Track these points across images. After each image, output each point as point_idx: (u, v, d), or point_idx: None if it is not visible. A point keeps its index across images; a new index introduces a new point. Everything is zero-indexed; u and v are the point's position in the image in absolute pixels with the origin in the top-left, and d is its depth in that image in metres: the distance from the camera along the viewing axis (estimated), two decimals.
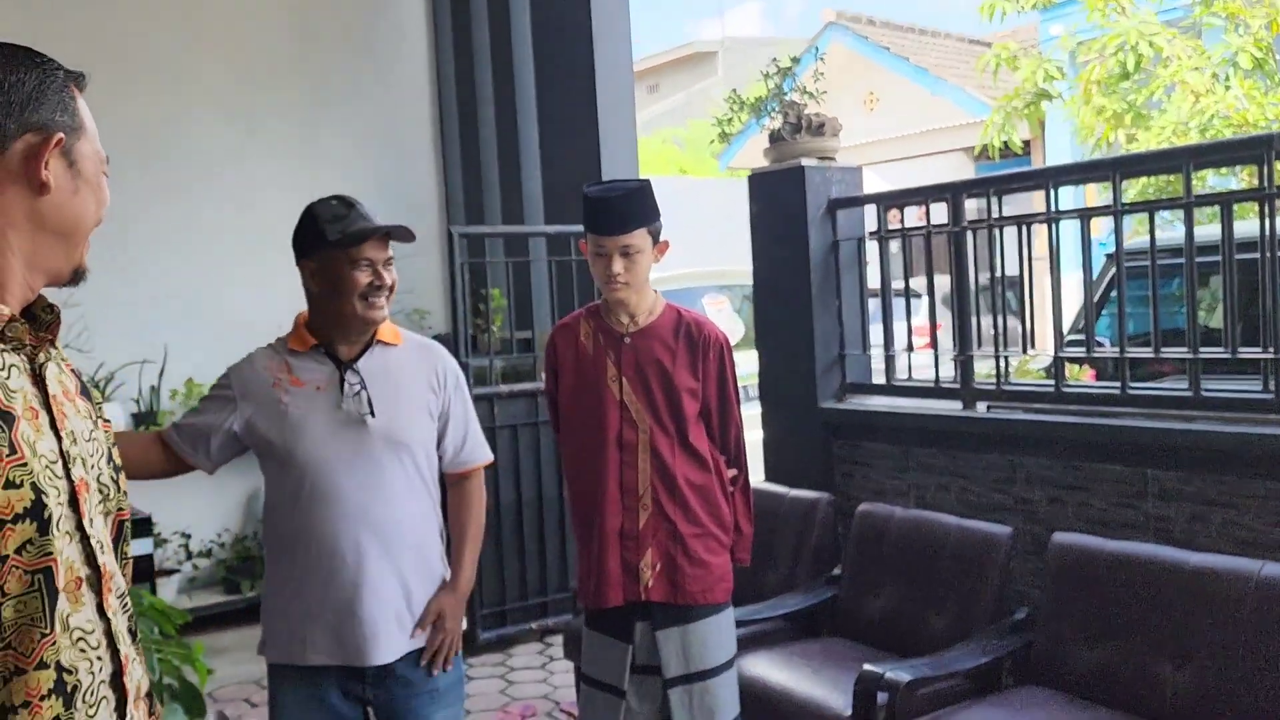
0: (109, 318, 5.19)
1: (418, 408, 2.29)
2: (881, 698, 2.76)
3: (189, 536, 5.47)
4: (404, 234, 2.25)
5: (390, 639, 2.22)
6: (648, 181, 2.68)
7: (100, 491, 1.17)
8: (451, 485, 2.44)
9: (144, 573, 3.50)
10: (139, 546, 3.54)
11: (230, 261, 5.48)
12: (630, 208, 2.59)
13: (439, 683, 2.31)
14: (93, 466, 1.16)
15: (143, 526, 3.57)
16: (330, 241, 2.18)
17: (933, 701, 2.88)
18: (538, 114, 5.68)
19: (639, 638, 2.67)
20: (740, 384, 2.80)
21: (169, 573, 5.26)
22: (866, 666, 2.84)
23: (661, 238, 2.68)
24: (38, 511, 1.04)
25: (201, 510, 5.40)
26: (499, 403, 4.79)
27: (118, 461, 1.23)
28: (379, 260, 2.22)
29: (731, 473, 2.76)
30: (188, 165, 5.51)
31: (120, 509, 1.22)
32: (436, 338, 5.59)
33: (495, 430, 4.70)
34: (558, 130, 5.60)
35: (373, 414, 2.20)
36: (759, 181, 4.35)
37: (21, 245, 1.12)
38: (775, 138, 4.26)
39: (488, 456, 2.47)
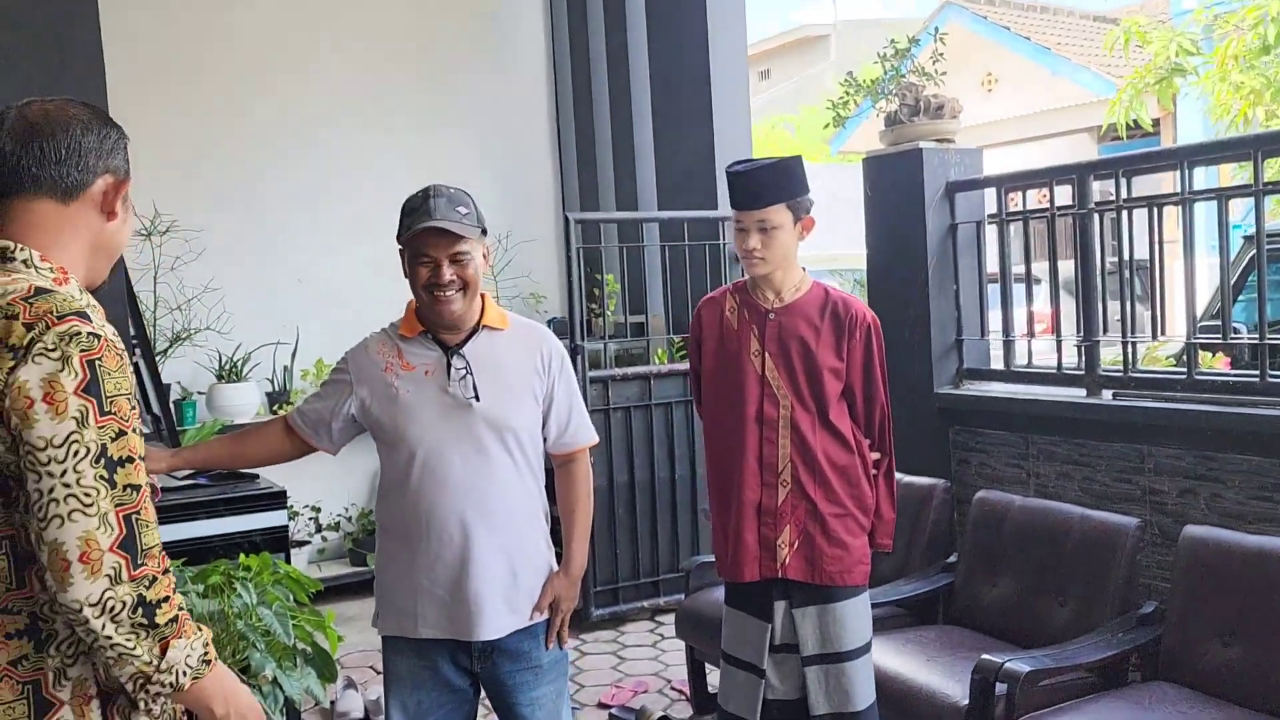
0: (246, 302, 5.48)
1: (522, 391, 2.33)
2: (1000, 688, 2.70)
3: (319, 510, 5.73)
4: (448, 230, 2.16)
5: (497, 616, 2.27)
6: (794, 158, 2.65)
7: None
8: (558, 467, 2.47)
9: (279, 543, 3.69)
10: (275, 519, 3.73)
11: (357, 248, 5.68)
12: (765, 183, 2.58)
13: (543, 658, 2.36)
14: None
15: (277, 500, 3.76)
16: (399, 235, 2.26)
17: (1054, 694, 2.81)
18: (652, 101, 5.72)
19: (779, 617, 2.67)
20: None
21: (300, 544, 5.52)
22: (985, 656, 2.78)
23: (809, 215, 2.65)
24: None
25: (330, 485, 5.65)
26: (613, 385, 4.86)
27: None
28: (440, 256, 2.20)
29: (874, 456, 2.73)
30: (320, 156, 5.73)
31: None
32: (551, 321, 5.70)
33: (609, 412, 4.76)
34: (672, 118, 5.62)
35: (477, 398, 2.25)
36: (874, 165, 4.30)
37: (87, 260, 1.44)
38: (892, 120, 4.19)
39: (593, 438, 2.48)
